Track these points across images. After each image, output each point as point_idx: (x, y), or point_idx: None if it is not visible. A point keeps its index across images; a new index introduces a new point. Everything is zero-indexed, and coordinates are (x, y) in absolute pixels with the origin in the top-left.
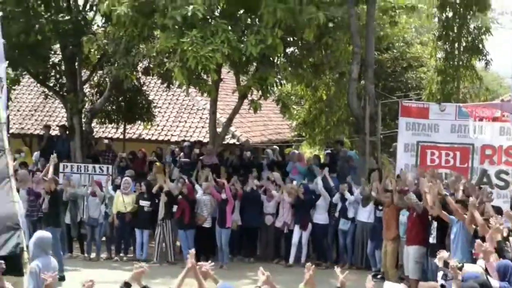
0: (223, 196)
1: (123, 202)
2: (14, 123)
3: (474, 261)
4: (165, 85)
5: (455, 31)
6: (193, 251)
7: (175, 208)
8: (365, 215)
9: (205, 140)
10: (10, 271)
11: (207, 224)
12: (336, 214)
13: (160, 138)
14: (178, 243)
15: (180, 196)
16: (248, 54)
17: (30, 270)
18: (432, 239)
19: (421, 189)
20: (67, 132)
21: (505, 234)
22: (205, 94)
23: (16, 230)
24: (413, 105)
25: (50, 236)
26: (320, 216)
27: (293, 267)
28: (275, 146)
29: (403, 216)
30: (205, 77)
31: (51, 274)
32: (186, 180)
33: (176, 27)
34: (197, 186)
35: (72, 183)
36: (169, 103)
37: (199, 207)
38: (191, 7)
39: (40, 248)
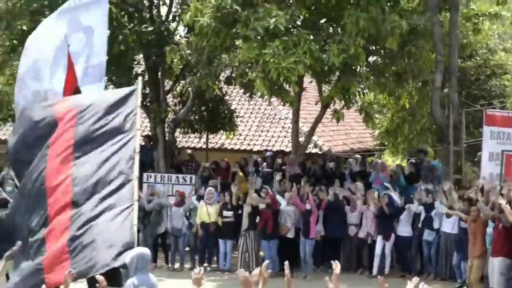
0: (307, 206)
1: (207, 212)
2: None
3: None
4: (247, 94)
5: None
6: (286, 263)
7: (258, 218)
8: (449, 226)
9: (287, 150)
10: (112, 282)
11: (290, 235)
12: (419, 225)
13: (243, 147)
14: (261, 253)
15: (263, 206)
16: (331, 64)
17: (125, 286)
18: None
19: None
20: (151, 142)
21: None
22: (287, 104)
23: (130, 249)
24: (497, 114)
25: (149, 252)
26: (403, 229)
27: (377, 277)
28: (357, 156)
29: (489, 228)
30: (287, 87)
31: None
32: (269, 190)
33: (258, 37)
34: (278, 197)
35: (157, 192)
36: (251, 113)
37: (282, 217)
38: (273, 19)
39: (139, 265)
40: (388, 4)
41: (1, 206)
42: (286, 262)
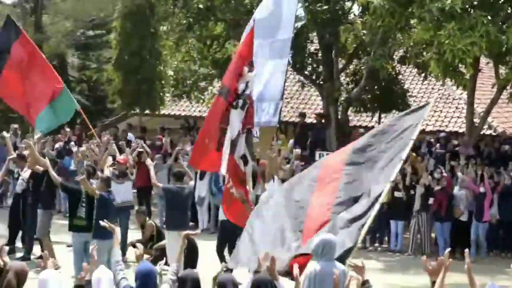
0: (481, 189)
1: None
2: None
3: None
4: (421, 74)
5: None
6: (466, 251)
7: (431, 200)
8: None
9: (461, 131)
10: None
11: (463, 218)
12: None
13: None
14: (433, 235)
15: (437, 188)
16: (509, 46)
17: (306, 271)
18: None
19: None
20: (322, 121)
21: None
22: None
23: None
24: None
25: (336, 240)
26: None
27: None
28: None
29: None
30: (462, 69)
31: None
32: (443, 172)
33: (434, 18)
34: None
35: None
36: (424, 92)
37: (455, 200)
38: (449, 0)
39: (324, 251)
40: None
41: (177, 178)
42: (466, 250)
